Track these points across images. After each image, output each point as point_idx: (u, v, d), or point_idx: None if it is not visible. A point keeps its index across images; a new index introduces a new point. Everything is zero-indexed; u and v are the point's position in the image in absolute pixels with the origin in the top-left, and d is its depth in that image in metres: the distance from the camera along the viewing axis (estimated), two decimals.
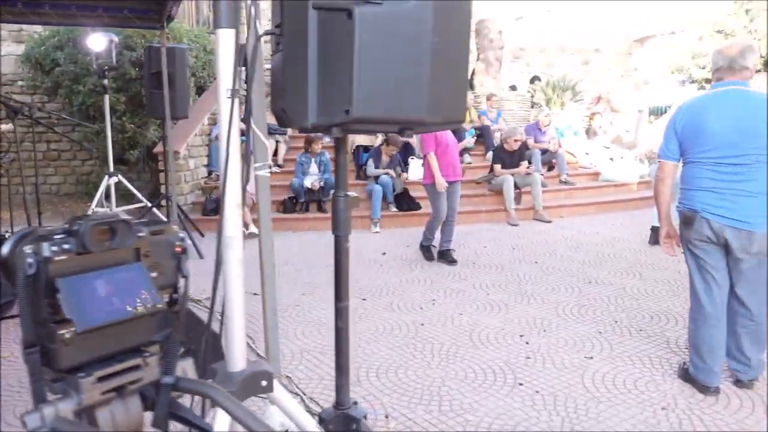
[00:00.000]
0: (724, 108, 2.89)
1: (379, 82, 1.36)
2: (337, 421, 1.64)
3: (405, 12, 1.36)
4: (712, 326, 3.05)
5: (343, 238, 1.57)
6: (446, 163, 5.73)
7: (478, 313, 4.41)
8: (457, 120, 1.49)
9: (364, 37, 1.33)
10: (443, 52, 1.41)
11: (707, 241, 2.97)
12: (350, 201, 1.57)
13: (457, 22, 1.43)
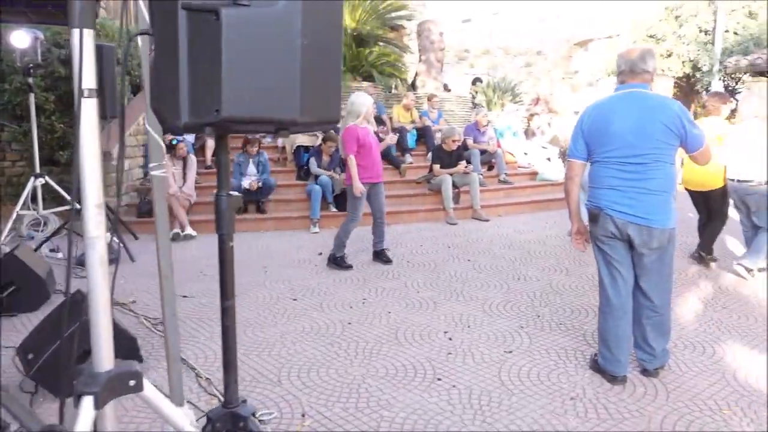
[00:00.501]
0: (626, 109, 3.02)
1: (248, 82, 1.38)
2: (225, 419, 1.65)
3: (273, 13, 1.38)
4: (619, 318, 3.19)
5: (226, 236, 1.57)
6: (371, 164, 5.62)
7: (406, 311, 4.46)
8: (331, 120, 1.52)
9: (231, 37, 1.35)
10: (314, 53, 1.43)
11: (612, 237, 3.10)
12: (232, 201, 1.58)
13: (327, 23, 1.46)
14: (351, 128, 5.48)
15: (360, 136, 5.49)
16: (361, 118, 5.53)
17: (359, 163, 5.50)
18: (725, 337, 3.93)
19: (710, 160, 3.20)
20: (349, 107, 5.55)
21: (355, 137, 5.46)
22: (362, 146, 5.52)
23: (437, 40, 10.87)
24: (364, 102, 5.54)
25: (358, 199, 5.58)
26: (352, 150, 5.48)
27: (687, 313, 4.42)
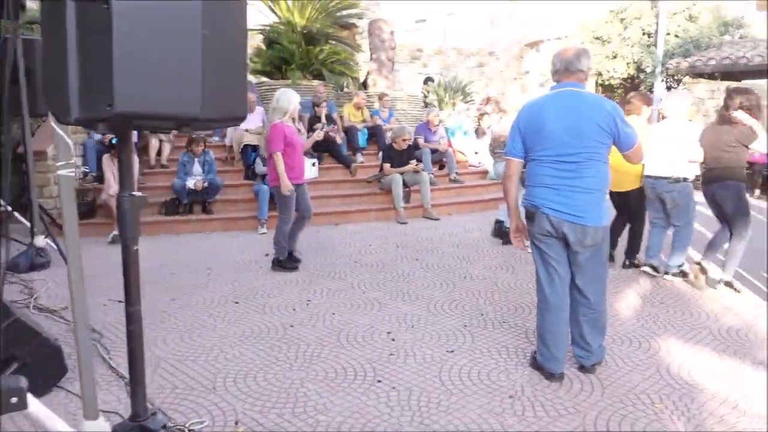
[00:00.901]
0: (561, 108, 3.04)
1: (144, 75, 1.30)
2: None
3: (171, 2, 1.31)
4: (555, 316, 3.21)
5: (130, 240, 1.48)
6: (296, 164, 5.44)
7: (350, 312, 4.41)
8: (236, 117, 1.45)
9: (123, 27, 1.27)
10: (216, 46, 1.36)
11: (548, 235, 3.12)
12: (137, 201, 1.49)
13: (230, 13, 1.39)
14: (278, 126, 5.27)
15: (287, 134, 5.29)
16: (287, 115, 5.34)
17: (285, 162, 5.30)
18: (661, 332, 4.02)
19: (642, 159, 3.26)
20: (275, 104, 5.36)
21: (282, 135, 5.26)
22: (288, 145, 5.32)
23: (388, 39, 10.85)
24: (290, 99, 5.36)
25: (288, 198, 5.40)
26: (279, 147, 5.27)
27: (625, 308, 4.50)
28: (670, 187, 4.92)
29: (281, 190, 5.33)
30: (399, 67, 16.30)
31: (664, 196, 4.99)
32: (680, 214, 5.02)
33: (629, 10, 13.59)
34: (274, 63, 10.08)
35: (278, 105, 5.33)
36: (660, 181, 4.96)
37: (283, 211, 5.51)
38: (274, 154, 5.30)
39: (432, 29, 27.89)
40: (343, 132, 9.56)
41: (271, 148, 5.32)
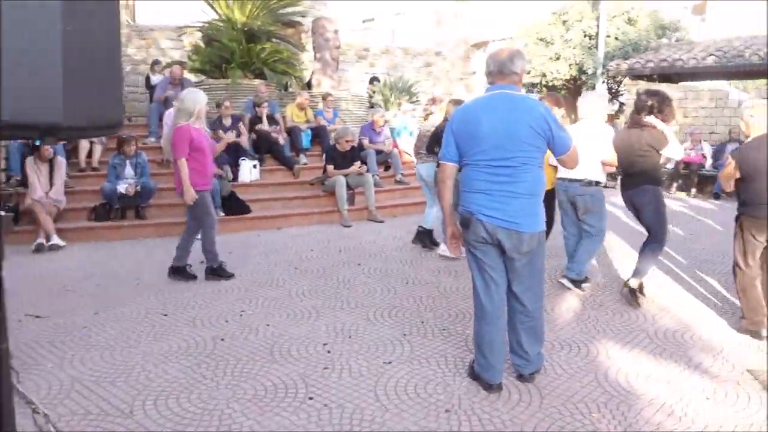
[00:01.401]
0: (494, 111, 2.94)
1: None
2: None
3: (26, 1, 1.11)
4: (492, 324, 3.12)
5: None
6: (205, 169, 5.08)
7: (286, 323, 4.23)
8: (110, 123, 1.26)
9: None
10: (82, 45, 1.17)
11: (484, 242, 3.02)
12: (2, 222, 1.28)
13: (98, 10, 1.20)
14: (183, 128, 4.89)
15: (194, 138, 4.92)
16: (193, 117, 4.95)
17: (191, 167, 4.94)
18: (600, 336, 3.99)
19: (578, 164, 3.20)
20: (180, 105, 5.00)
21: (188, 138, 4.88)
22: (196, 149, 4.95)
23: (332, 37, 10.66)
24: (196, 98, 4.99)
25: (201, 204, 5.07)
26: (183, 153, 4.89)
27: (564, 312, 4.47)
28: (582, 190, 4.71)
29: (184, 198, 4.98)
30: (345, 67, 16.13)
31: (576, 199, 4.78)
32: (592, 219, 4.80)
33: (571, 12, 13.82)
34: (214, 61, 9.76)
35: (183, 106, 4.94)
36: (573, 184, 4.74)
37: (202, 218, 5.19)
38: (178, 160, 4.93)
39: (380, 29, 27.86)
40: (286, 133, 9.33)
41: (176, 154, 4.93)
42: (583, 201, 4.74)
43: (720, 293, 4.96)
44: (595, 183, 4.74)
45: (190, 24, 10.52)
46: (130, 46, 13.53)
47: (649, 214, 4.53)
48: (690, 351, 3.75)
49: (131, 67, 12.88)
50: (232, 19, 9.67)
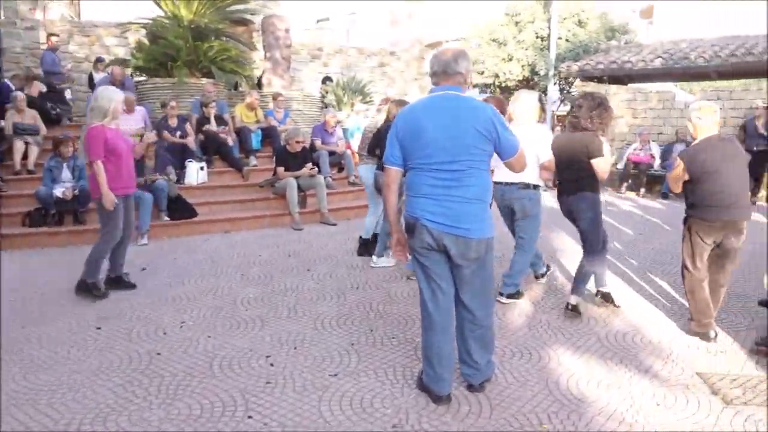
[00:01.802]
0: (439, 113, 2.83)
1: None
2: None
3: None
4: (439, 334, 3.00)
5: None
6: (122, 172, 4.77)
7: (229, 334, 4.02)
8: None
9: None
10: None
11: (429, 249, 2.90)
12: None
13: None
14: (97, 129, 4.60)
15: (108, 139, 4.63)
16: (108, 117, 4.66)
17: (108, 170, 4.64)
18: (552, 341, 3.93)
19: (526, 167, 3.12)
20: (93, 103, 4.69)
21: (103, 140, 4.59)
22: (111, 151, 4.65)
23: (283, 36, 10.42)
24: (111, 97, 4.68)
25: (113, 212, 4.71)
26: (98, 155, 4.58)
27: (517, 317, 4.40)
28: (519, 193, 4.53)
29: (103, 203, 4.65)
30: (298, 67, 15.88)
31: (513, 203, 4.59)
32: (526, 226, 4.65)
33: (523, 14, 13.93)
34: (159, 59, 9.40)
35: (97, 104, 4.64)
36: (510, 188, 4.53)
37: (106, 227, 4.79)
38: (94, 163, 4.60)
39: (335, 28, 27.66)
40: (235, 133, 9.06)
41: (91, 156, 4.60)
42: (521, 205, 4.57)
43: (669, 294, 4.99)
44: (533, 186, 4.56)
45: (134, 20, 10.12)
46: (71, 43, 12.99)
47: (587, 221, 4.35)
48: (640, 354, 3.72)
49: (73, 65, 12.34)
50: (178, 15, 9.33)
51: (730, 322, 4.32)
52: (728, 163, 3.77)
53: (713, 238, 3.86)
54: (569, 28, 13.82)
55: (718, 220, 3.78)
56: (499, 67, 13.86)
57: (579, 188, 4.32)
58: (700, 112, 3.83)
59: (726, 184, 3.75)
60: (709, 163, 3.75)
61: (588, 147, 4.19)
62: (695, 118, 3.85)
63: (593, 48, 13.62)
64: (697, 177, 3.80)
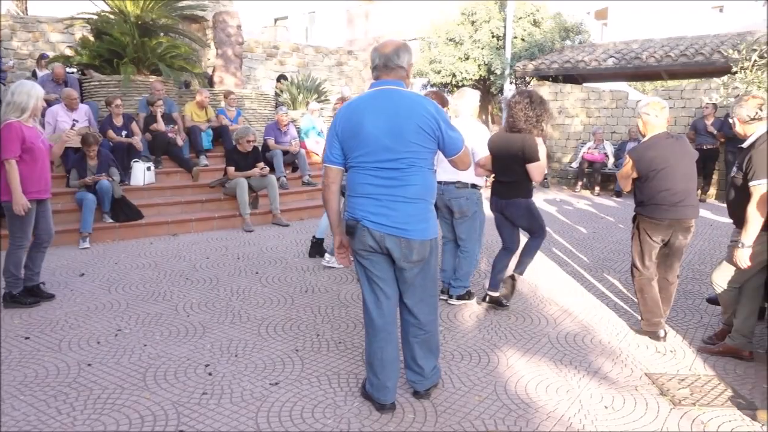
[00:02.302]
0: (379, 109, 2.70)
1: None
2: None
3: None
4: (383, 340, 2.88)
5: None
6: (38, 174, 4.43)
7: (166, 342, 3.82)
8: None
9: None
10: None
11: (371, 251, 2.77)
12: None
13: None
14: (13, 126, 4.27)
15: (26, 138, 4.31)
16: (27, 114, 4.35)
17: (22, 172, 4.30)
18: (501, 343, 3.86)
19: (470, 165, 3.02)
20: (8, 98, 4.34)
21: (19, 138, 4.26)
22: (27, 151, 4.32)
23: (234, 33, 10.15)
24: (29, 92, 4.36)
25: (24, 218, 4.37)
26: (13, 153, 4.24)
27: (467, 318, 4.32)
28: (457, 192, 4.43)
29: (13, 207, 4.30)
30: (254, 65, 15.61)
31: (452, 203, 4.47)
32: (466, 226, 4.54)
33: (479, 13, 13.94)
34: (104, 56, 9.02)
35: (13, 99, 4.31)
36: (448, 187, 4.43)
37: (15, 233, 4.44)
38: (6, 162, 4.26)
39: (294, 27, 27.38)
40: (185, 133, 8.77)
41: (3, 153, 4.25)
42: (458, 204, 4.46)
43: (621, 292, 4.98)
44: (471, 186, 4.46)
45: (77, 15, 9.70)
46: (14, 39, 12.43)
47: (524, 223, 4.37)
48: (590, 355, 3.67)
49: (16, 62, 11.81)
50: (124, 11, 8.97)
51: (680, 320, 4.33)
52: (677, 160, 3.75)
53: (661, 237, 3.84)
54: (525, 28, 13.90)
55: (666, 219, 3.76)
56: (456, 66, 13.85)
57: (513, 193, 4.28)
58: (649, 108, 3.80)
59: (674, 182, 3.73)
60: (657, 161, 3.73)
61: (524, 150, 4.13)
62: (645, 114, 3.82)
63: (548, 47, 13.74)
64: (646, 174, 3.77)
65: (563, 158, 12.81)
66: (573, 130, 12.74)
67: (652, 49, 11.97)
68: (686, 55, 11.20)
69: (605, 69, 12.22)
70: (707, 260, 6.04)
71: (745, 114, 3.46)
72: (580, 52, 13.22)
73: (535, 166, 4.13)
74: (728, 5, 20.37)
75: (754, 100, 3.43)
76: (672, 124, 11.30)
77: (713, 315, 4.39)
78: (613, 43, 13.92)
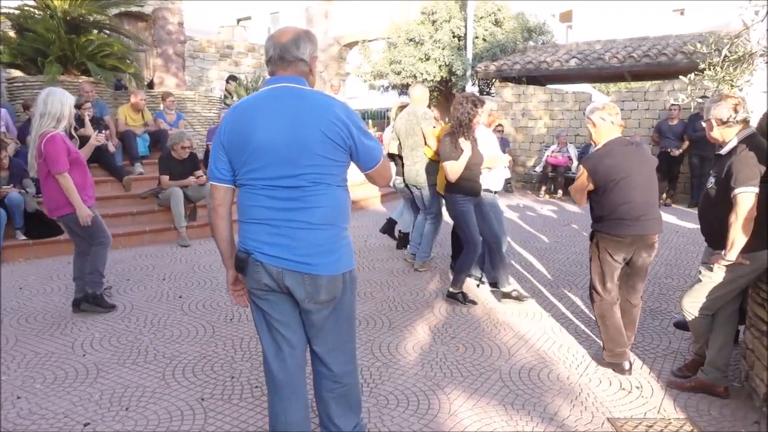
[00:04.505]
0: (274, 113, 2.14)
1: None
2: None
3: None
4: (286, 399, 2.32)
5: None
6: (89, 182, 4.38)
7: (48, 392, 3.19)
8: None
9: None
10: None
11: (268, 290, 2.21)
12: None
13: None
14: (57, 137, 4.07)
15: (70, 148, 4.17)
16: (64, 123, 4.18)
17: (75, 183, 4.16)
18: (446, 381, 3.33)
19: (390, 180, 2.49)
20: (43, 108, 4.10)
21: (65, 149, 4.10)
22: (74, 162, 4.19)
23: (176, 30, 9.50)
24: (63, 101, 4.16)
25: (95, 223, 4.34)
26: (64, 166, 4.09)
27: (411, 350, 3.78)
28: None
29: (80, 220, 4.20)
30: (206, 66, 14.92)
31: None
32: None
33: (439, 12, 13.48)
34: (27, 54, 8.27)
35: (48, 110, 4.09)
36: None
37: (96, 236, 4.43)
38: (59, 176, 4.08)
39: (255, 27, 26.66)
40: (118, 138, 8.07)
41: (56, 168, 4.06)
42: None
43: (582, 313, 4.51)
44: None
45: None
46: None
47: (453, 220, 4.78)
48: (546, 396, 3.17)
49: None
50: (50, 5, 8.23)
51: (647, 345, 3.87)
52: (637, 169, 3.29)
53: (623, 255, 3.37)
54: (486, 28, 13.49)
55: (628, 235, 3.29)
56: (416, 67, 13.36)
57: (449, 188, 4.60)
58: (604, 112, 3.32)
59: (636, 194, 3.27)
60: (616, 170, 3.25)
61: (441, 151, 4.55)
62: (599, 118, 3.34)
63: (511, 48, 13.35)
64: (604, 186, 3.29)
65: (527, 162, 12.42)
66: (536, 133, 12.36)
67: (615, 50, 11.67)
68: (649, 55, 10.90)
69: (568, 70, 11.87)
70: (674, 272, 5.62)
71: (725, 115, 2.98)
72: (542, 53, 12.86)
73: (444, 165, 4.49)
74: (689, 7, 20.39)
75: (731, 100, 2.98)
76: (636, 126, 10.99)
77: (683, 339, 3.95)
78: (575, 43, 13.61)
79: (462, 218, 4.58)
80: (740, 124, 2.99)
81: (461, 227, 4.62)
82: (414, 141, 5.47)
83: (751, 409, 3.01)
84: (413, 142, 5.48)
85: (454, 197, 4.57)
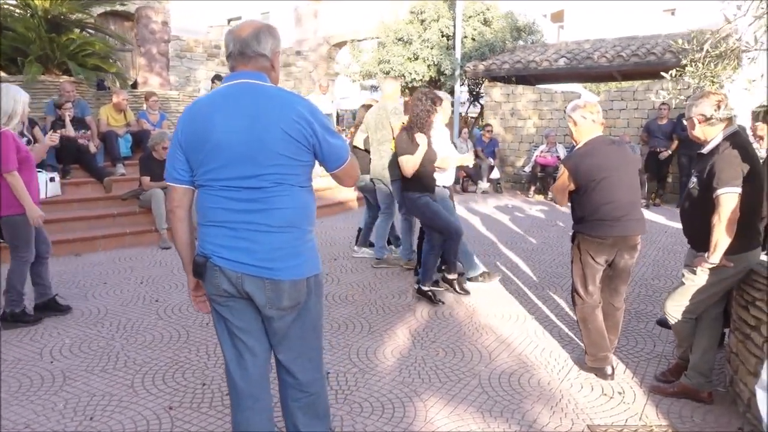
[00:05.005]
0: (234, 110, 2.04)
1: None
2: None
3: None
4: (248, 409, 2.22)
5: None
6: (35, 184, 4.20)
7: (11, 401, 3.08)
8: None
9: None
10: None
11: (228, 296, 2.11)
12: None
13: None
14: (7, 135, 3.91)
15: (20, 147, 4.02)
16: (15, 120, 4.03)
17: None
18: (423, 387, 3.24)
19: (358, 181, 2.39)
20: None
21: (14, 147, 3.94)
22: (23, 160, 4.01)
23: (159, 29, 9.38)
24: (17, 98, 4.01)
25: (30, 231, 4.12)
26: (13, 164, 3.92)
27: (389, 355, 3.69)
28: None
29: (31, 221, 4.05)
30: (195, 66, 14.78)
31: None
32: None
33: (428, 11, 13.40)
34: (7, 54, 8.13)
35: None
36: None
37: (20, 248, 4.14)
38: (8, 175, 3.91)
39: None
40: (100, 139, 7.94)
41: (5, 167, 3.88)
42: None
43: (566, 315, 4.43)
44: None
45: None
46: None
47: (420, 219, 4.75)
48: (525, 402, 3.08)
49: None
50: (31, 4, 8.10)
51: (630, 349, 3.80)
52: (619, 169, 3.21)
53: (605, 257, 3.29)
54: (475, 27, 13.41)
55: (610, 236, 3.21)
56: (405, 66, 13.27)
57: (404, 187, 4.68)
58: (585, 110, 3.24)
59: (618, 194, 3.20)
60: (598, 170, 3.18)
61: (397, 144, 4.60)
62: (579, 117, 3.26)
63: (499, 47, 13.28)
64: (585, 186, 3.21)
65: (516, 162, 12.36)
66: (526, 133, 12.30)
67: (604, 49, 11.62)
68: (638, 55, 10.86)
69: (557, 69, 11.81)
70: (661, 273, 5.56)
71: (708, 111, 2.89)
72: (531, 52, 12.80)
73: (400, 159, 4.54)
74: (680, 7, 20.41)
75: (713, 97, 2.90)
76: (625, 126, 10.94)
77: (668, 342, 3.87)
78: (564, 43, 13.55)
79: (428, 210, 4.58)
80: (723, 122, 2.91)
81: (432, 219, 4.59)
82: (382, 135, 5.55)
83: (735, 415, 2.93)
84: (381, 136, 5.57)
85: (411, 195, 4.63)
